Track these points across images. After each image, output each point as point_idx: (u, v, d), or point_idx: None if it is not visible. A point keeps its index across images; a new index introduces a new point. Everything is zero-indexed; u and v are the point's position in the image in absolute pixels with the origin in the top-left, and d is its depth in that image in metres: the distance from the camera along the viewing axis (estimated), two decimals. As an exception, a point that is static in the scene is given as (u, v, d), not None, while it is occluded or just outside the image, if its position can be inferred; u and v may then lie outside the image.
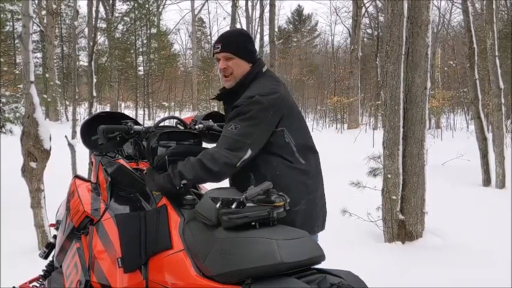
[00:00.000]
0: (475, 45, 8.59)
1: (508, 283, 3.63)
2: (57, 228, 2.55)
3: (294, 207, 2.05)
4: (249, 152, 1.99)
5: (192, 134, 2.25)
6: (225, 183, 2.21)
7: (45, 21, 23.33)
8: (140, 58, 24.25)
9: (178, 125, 2.36)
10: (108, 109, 25.80)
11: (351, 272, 1.63)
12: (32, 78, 4.51)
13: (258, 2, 22.68)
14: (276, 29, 22.59)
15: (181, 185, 1.94)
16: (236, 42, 2.18)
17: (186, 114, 28.34)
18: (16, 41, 21.33)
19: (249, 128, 2.00)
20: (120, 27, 23.13)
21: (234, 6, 12.85)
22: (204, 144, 2.34)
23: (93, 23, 7.67)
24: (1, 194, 6.23)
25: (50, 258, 2.66)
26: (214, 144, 2.50)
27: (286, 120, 2.09)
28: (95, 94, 7.01)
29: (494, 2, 8.84)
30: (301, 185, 2.13)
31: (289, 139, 2.09)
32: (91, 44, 7.22)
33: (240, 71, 2.17)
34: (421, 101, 4.82)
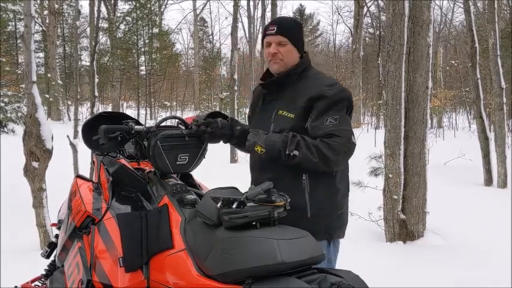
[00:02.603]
0: (476, 45, 8.58)
1: (508, 283, 3.63)
2: (59, 228, 2.56)
3: (339, 210, 2.08)
4: (355, 140, 1.99)
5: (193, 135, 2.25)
6: (225, 183, 2.22)
7: (47, 21, 23.37)
8: (142, 58, 24.25)
9: (179, 125, 2.37)
10: (110, 109, 25.81)
11: (352, 272, 1.63)
12: (34, 78, 4.52)
13: (260, 2, 22.68)
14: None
15: (291, 155, 1.88)
16: (292, 29, 2.11)
17: (188, 114, 28.37)
18: (18, 41, 21.41)
19: (346, 116, 2.00)
20: (122, 26, 23.14)
21: (236, 5, 12.85)
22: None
23: (95, 22, 7.69)
24: (3, 194, 6.25)
25: (51, 257, 2.67)
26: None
27: None
28: (96, 94, 7.02)
29: (496, 1, 8.83)
30: (346, 186, 2.15)
31: None
32: (93, 43, 7.24)
33: (290, 59, 2.09)
34: (423, 100, 4.81)
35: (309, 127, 1.98)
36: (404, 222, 4.81)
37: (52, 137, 4.56)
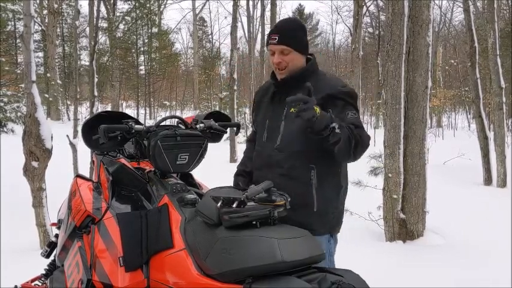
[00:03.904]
0: (476, 44, 8.58)
1: (508, 283, 3.63)
2: (59, 228, 2.56)
3: (341, 205, 2.17)
4: None
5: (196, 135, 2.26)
6: (226, 182, 2.22)
7: (46, 20, 23.35)
8: (141, 57, 24.22)
9: (179, 125, 2.37)
10: (109, 108, 25.79)
11: (352, 271, 1.64)
12: (34, 77, 4.52)
13: (259, 1, 22.67)
14: (277, 28, 22.45)
15: (336, 131, 1.86)
16: (294, 35, 2.10)
17: (188, 114, 28.36)
18: (17, 41, 21.39)
19: (358, 113, 2.09)
20: (121, 26, 23.11)
21: (235, 5, 12.85)
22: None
23: (95, 22, 7.69)
24: (3, 193, 6.24)
25: (51, 257, 2.67)
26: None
27: None
28: (96, 93, 7.02)
29: (495, 1, 8.84)
30: (347, 184, 2.22)
31: None
32: (92, 43, 7.24)
33: (295, 65, 2.11)
34: (422, 100, 4.82)
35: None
36: (404, 221, 4.81)
37: (52, 137, 4.57)
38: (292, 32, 2.10)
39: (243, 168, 2.37)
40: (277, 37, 2.07)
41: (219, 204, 1.69)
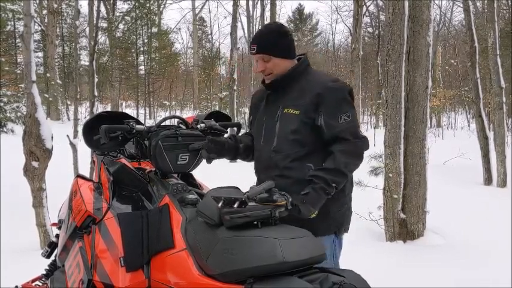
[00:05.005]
0: (476, 44, 8.59)
1: (508, 283, 3.63)
2: (59, 228, 2.56)
3: (346, 204, 2.19)
4: (361, 133, 2.09)
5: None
6: (226, 182, 2.22)
7: (46, 20, 23.33)
8: (141, 57, 24.25)
9: (180, 125, 2.36)
10: (109, 108, 25.81)
11: (353, 271, 1.64)
12: (34, 77, 4.52)
13: (259, 1, 22.66)
14: (277, 28, 22.45)
15: (334, 188, 1.99)
16: (272, 42, 2.09)
17: (187, 114, 28.36)
18: (17, 41, 21.38)
19: (354, 108, 2.09)
20: (121, 26, 23.14)
21: (235, 5, 12.85)
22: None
23: (94, 22, 7.68)
24: (3, 193, 6.24)
25: (52, 257, 2.67)
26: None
27: None
28: (96, 93, 7.02)
29: (495, 0, 8.84)
30: (351, 182, 2.25)
31: None
32: (92, 43, 7.23)
33: (279, 70, 2.11)
34: (423, 100, 4.82)
35: (323, 124, 2.02)
36: (404, 221, 4.81)
37: (52, 137, 4.56)
38: (270, 40, 2.10)
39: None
40: (255, 47, 2.10)
41: (220, 205, 1.68)
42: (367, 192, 5.53)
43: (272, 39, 2.10)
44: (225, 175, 8.00)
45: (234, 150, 2.25)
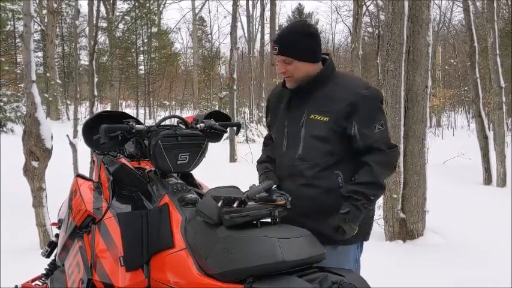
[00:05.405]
0: (476, 44, 8.59)
1: (508, 283, 3.63)
2: (59, 227, 2.56)
3: (373, 210, 2.14)
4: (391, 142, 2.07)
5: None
6: (226, 182, 2.22)
7: (46, 20, 23.33)
8: (141, 57, 24.28)
9: (180, 124, 2.37)
10: (109, 108, 25.79)
11: (352, 271, 1.64)
12: (34, 77, 4.52)
13: (259, 1, 22.69)
14: (277, 28, 22.58)
15: (373, 200, 1.97)
16: (295, 44, 1.97)
17: (187, 113, 28.34)
18: (17, 40, 21.36)
19: (385, 118, 2.04)
20: (120, 26, 23.15)
21: (235, 5, 12.85)
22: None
23: (94, 22, 7.69)
24: (3, 193, 6.24)
25: (52, 257, 2.67)
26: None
27: None
28: (96, 93, 7.02)
29: (495, 0, 8.84)
30: None
31: None
32: (92, 43, 7.23)
33: (300, 74, 1.99)
34: (422, 99, 4.82)
35: (357, 134, 1.94)
36: (404, 221, 4.82)
37: (52, 137, 4.56)
38: (293, 41, 1.98)
39: (266, 154, 2.25)
40: (277, 47, 1.99)
41: (219, 204, 1.69)
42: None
43: (295, 41, 1.98)
44: (225, 175, 8.00)
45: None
